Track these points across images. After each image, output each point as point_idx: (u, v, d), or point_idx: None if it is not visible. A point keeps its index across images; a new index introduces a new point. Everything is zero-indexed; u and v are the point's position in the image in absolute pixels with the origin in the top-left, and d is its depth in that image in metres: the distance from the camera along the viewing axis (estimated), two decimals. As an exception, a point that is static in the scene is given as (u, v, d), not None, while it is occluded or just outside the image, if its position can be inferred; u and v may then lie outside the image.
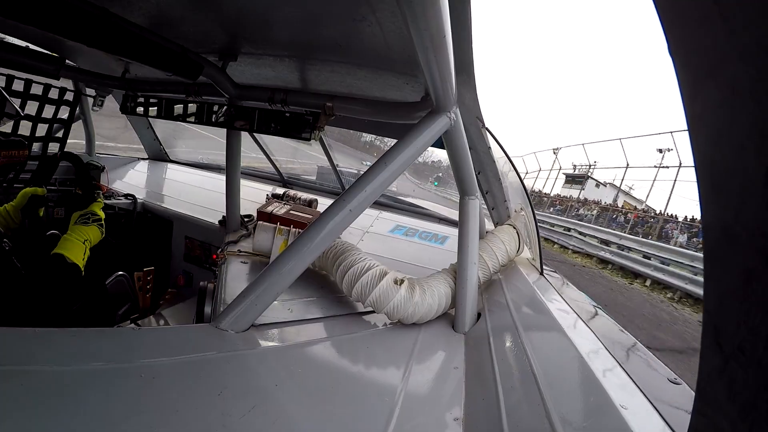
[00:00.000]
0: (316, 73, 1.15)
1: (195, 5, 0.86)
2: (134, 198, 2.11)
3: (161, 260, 2.10)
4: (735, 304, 0.21)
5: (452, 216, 2.28)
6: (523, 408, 0.67)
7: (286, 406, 0.68)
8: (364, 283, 1.04)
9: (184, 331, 0.89)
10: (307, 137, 1.19)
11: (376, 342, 1.00)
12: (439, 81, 0.78)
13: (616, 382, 0.65)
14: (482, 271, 1.21)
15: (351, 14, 0.71)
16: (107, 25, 0.81)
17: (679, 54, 0.22)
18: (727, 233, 0.20)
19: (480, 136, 1.27)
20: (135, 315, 1.67)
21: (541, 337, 0.88)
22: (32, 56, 1.17)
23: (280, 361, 0.83)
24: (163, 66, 0.99)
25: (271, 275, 0.88)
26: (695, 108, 0.22)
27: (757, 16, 0.17)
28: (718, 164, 0.21)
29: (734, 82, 0.19)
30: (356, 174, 2.71)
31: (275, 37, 0.96)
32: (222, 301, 1.07)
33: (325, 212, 0.92)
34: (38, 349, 0.63)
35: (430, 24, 0.57)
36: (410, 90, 1.06)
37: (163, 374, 0.65)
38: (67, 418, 0.51)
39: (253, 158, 2.90)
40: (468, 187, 1.18)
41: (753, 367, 0.20)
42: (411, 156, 0.95)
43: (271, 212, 1.58)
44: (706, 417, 0.23)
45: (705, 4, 0.19)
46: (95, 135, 2.38)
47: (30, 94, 1.59)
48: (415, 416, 0.72)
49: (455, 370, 0.89)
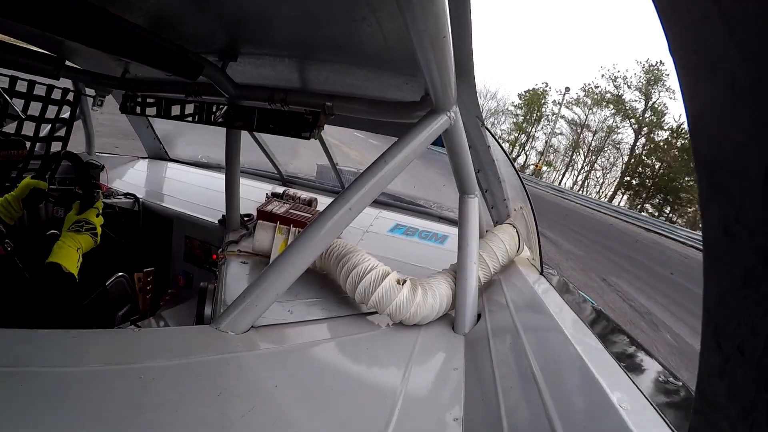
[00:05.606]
0: (316, 72, 1.15)
1: (195, 5, 0.86)
2: (135, 197, 2.11)
3: (161, 260, 2.10)
4: (735, 304, 0.21)
5: (452, 215, 2.28)
6: (523, 408, 0.67)
7: (286, 407, 0.68)
8: (367, 284, 1.04)
9: (184, 333, 0.89)
10: (306, 136, 1.19)
11: (375, 343, 1.00)
12: (438, 81, 0.78)
13: (616, 382, 0.65)
14: (482, 271, 1.21)
15: (351, 14, 0.71)
16: (107, 25, 0.81)
17: (680, 53, 0.22)
18: (727, 233, 0.20)
19: (479, 135, 1.27)
20: (135, 316, 1.66)
21: (541, 338, 0.88)
22: (32, 56, 1.17)
23: (280, 362, 0.83)
24: (162, 66, 0.99)
25: (270, 276, 0.88)
26: (695, 107, 0.22)
27: (757, 15, 0.17)
28: (719, 163, 0.21)
29: (735, 80, 0.18)
30: (356, 172, 2.70)
31: (275, 37, 0.96)
32: (222, 302, 1.07)
33: (325, 211, 0.92)
34: (38, 351, 0.63)
35: (430, 24, 0.57)
36: (410, 90, 1.06)
37: (162, 376, 0.65)
38: (66, 420, 0.51)
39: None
40: (468, 186, 1.18)
41: (753, 367, 0.20)
42: (410, 155, 0.95)
43: (270, 211, 1.58)
44: (706, 417, 0.23)
45: (705, 2, 0.19)
46: (95, 134, 2.39)
47: (33, 95, 1.60)
48: (414, 417, 0.72)
49: (455, 371, 0.89)
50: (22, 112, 1.52)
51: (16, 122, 1.54)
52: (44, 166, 1.60)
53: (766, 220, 0.18)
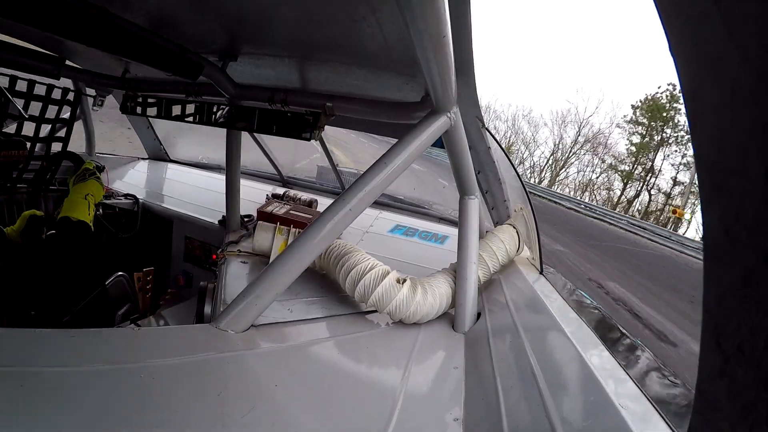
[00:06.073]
0: (316, 73, 1.16)
1: (195, 5, 0.86)
2: (135, 198, 2.11)
3: (161, 260, 2.10)
4: (735, 304, 0.21)
5: (452, 216, 2.28)
6: (523, 408, 0.67)
7: (286, 406, 0.68)
8: (366, 283, 1.04)
9: (184, 332, 0.89)
10: (307, 137, 1.19)
11: (375, 342, 1.00)
12: (438, 81, 0.78)
13: (616, 382, 0.65)
14: (482, 271, 1.21)
15: (351, 14, 0.71)
16: (107, 25, 0.81)
17: (680, 53, 0.22)
18: (728, 233, 0.20)
19: (480, 136, 1.27)
20: (135, 315, 1.66)
21: (541, 337, 0.88)
22: (32, 56, 1.17)
23: (280, 361, 0.83)
24: (162, 66, 0.99)
25: (270, 275, 0.88)
26: (696, 107, 0.22)
27: (757, 15, 0.17)
28: (719, 163, 0.21)
29: (735, 81, 0.18)
30: (356, 174, 2.70)
31: (275, 37, 0.96)
32: (222, 302, 1.07)
33: (325, 212, 0.92)
34: (38, 350, 0.63)
35: (430, 24, 0.57)
36: (410, 90, 1.06)
37: (162, 375, 0.65)
38: (67, 419, 0.51)
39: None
40: (468, 187, 1.18)
41: (753, 367, 0.20)
42: (411, 156, 0.95)
43: (271, 212, 1.58)
44: (706, 417, 0.23)
45: (705, 2, 0.19)
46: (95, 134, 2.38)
47: (34, 94, 1.60)
48: (415, 416, 0.72)
49: (455, 370, 0.89)
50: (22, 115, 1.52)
51: (16, 122, 1.54)
52: (44, 167, 1.60)
53: (766, 220, 0.18)
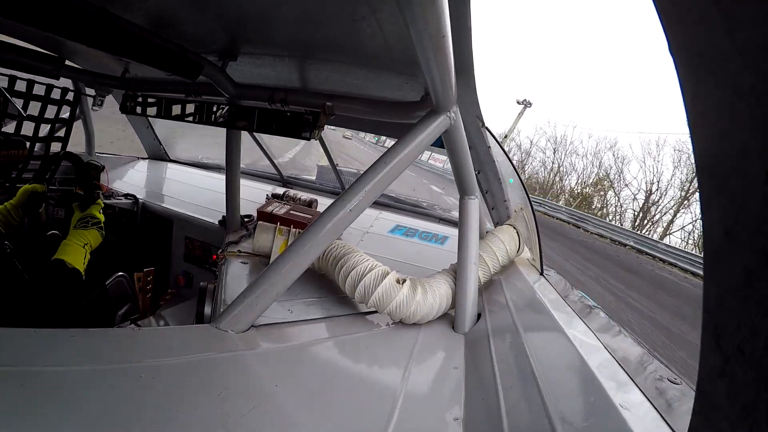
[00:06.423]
0: (316, 72, 1.15)
1: (195, 5, 0.86)
2: (135, 198, 2.11)
3: (161, 260, 2.10)
4: (735, 304, 0.21)
5: (452, 216, 2.28)
6: (523, 408, 0.67)
7: (287, 407, 0.68)
8: (366, 284, 1.04)
9: (184, 332, 0.89)
10: (307, 137, 1.19)
11: (375, 342, 1.00)
12: (438, 81, 0.78)
13: (616, 382, 0.65)
14: (482, 271, 1.21)
15: (350, 14, 0.71)
16: (107, 25, 0.81)
17: (680, 53, 0.22)
18: (728, 233, 0.20)
19: (480, 135, 1.27)
20: (135, 316, 1.66)
21: (541, 337, 0.88)
22: (32, 56, 1.17)
23: (281, 362, 0.83)
24: (162, 66, 0.99)
25: (271, 275, 0.88)
26: (697, 107, 0.22)
27: (757, 15, 0.17)
28: (720, 164, 0.21)
29: (735, 81, 0.18)
30: (356, 173, 2.70)
31: (275, 37, 0.96)
32: (222, 302, 1.07)
33: (325, 212, 0.92)
34: (38, 350, 0.63)
35: (430, 24, 0.57)
36: (410, 89, 1.06)
37: (163, 375, 0.65)
38: (67, 419, 0.51)
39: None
40: (468, 187, 1.18)
41: (753, 367, 0.20)
42: (411, 155, 0.95)
43: (271, 212, 1.58)
44: (706, 417, 0.23)
45: (705, 2, 0.19)
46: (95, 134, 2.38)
47: (33, 94, 1.60)
48: (415, 416, 0.72)
49: (455, 370, 0.89)
50: (21, 114, 1.52)
51: (16, 122, 1.54)
52: (44, 167, 1.60)
53: (766, 220, 0.18)
